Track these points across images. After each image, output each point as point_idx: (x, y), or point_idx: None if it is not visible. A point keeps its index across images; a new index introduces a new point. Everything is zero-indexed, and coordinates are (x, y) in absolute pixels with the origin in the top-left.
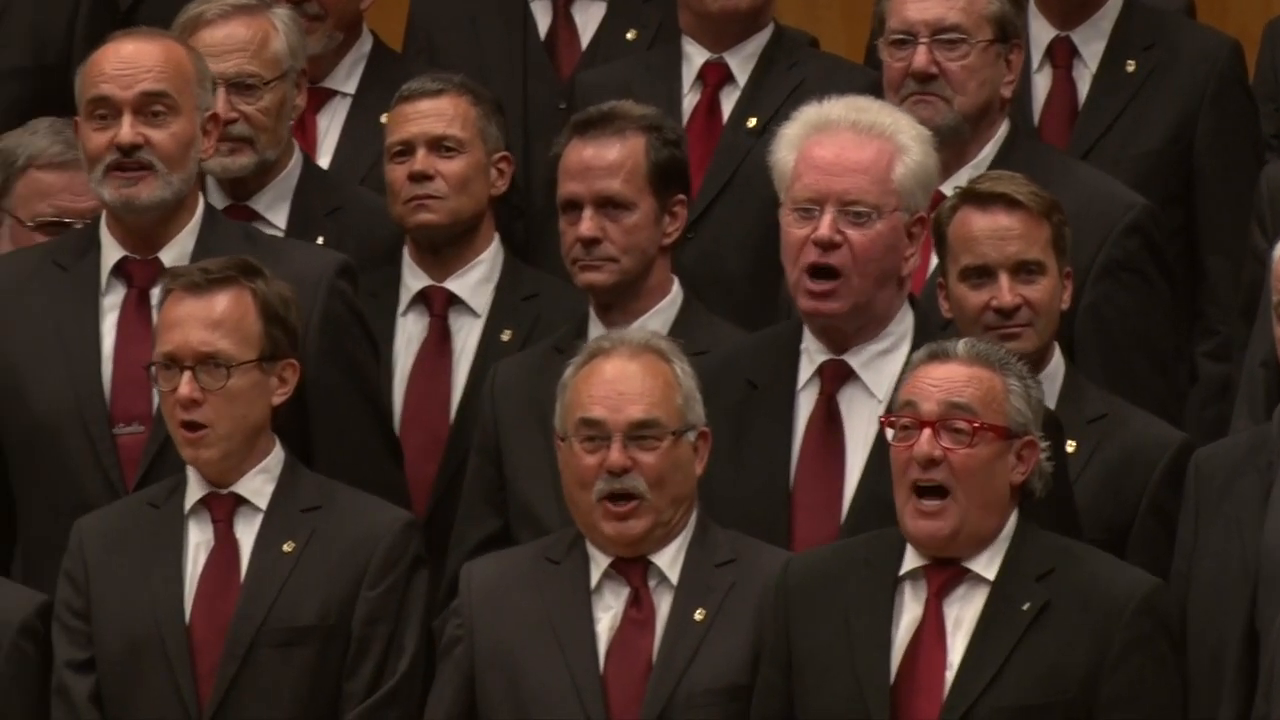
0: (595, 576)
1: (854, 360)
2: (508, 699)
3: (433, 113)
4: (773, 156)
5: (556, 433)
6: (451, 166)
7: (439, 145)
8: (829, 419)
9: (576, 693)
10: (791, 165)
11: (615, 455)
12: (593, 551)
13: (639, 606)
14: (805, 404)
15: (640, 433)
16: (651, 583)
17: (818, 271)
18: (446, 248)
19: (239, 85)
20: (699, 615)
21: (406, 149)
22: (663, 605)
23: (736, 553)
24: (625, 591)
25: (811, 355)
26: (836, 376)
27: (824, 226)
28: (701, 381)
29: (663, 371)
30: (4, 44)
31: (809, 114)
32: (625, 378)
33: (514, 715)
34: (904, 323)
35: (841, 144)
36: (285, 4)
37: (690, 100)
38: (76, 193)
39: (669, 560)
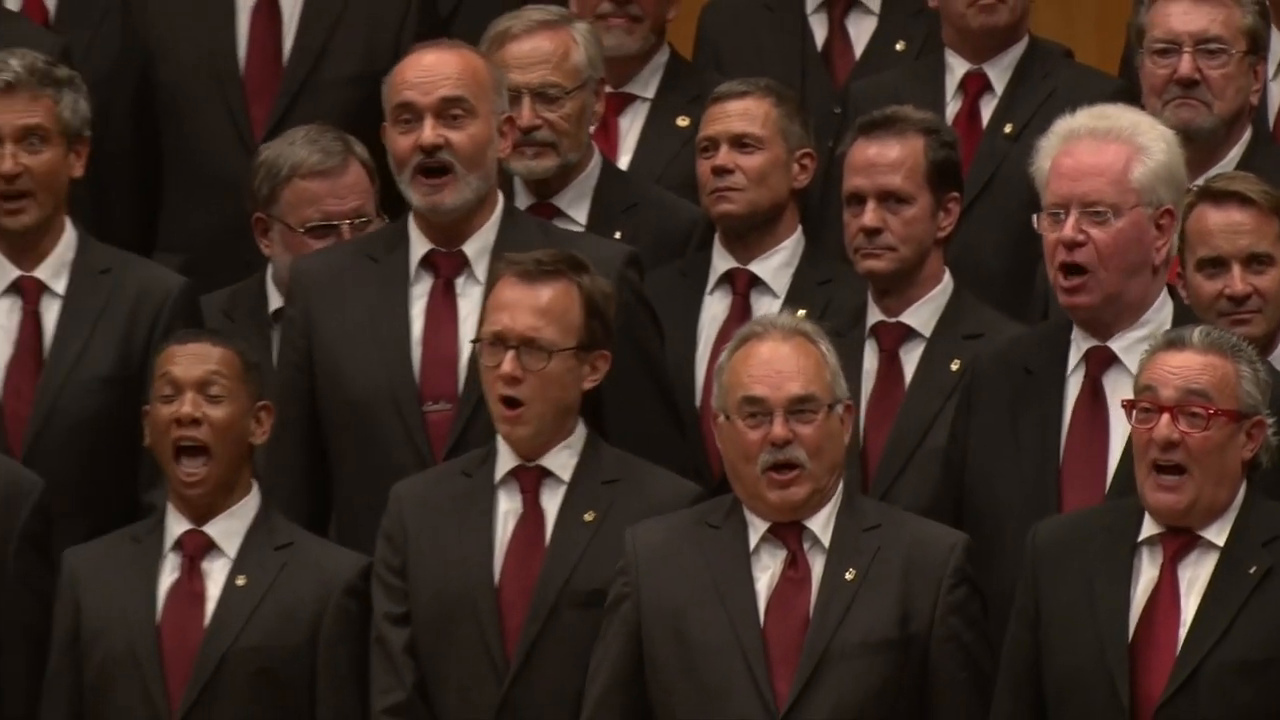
0: (754, 540)
1: (1116, 346)
2: (674, 651)
3: (736, 113)
4: (1033, 167)
5: (715, 412)
6: (750, 161)
7: (739, 142)
8: (1094, 400)
9: (739, 645)
10: (1045, 174)
11: (778, 429)
12: (750, 517)
13: (795, 567)
14: (1074, 387)
15: (799, 407)
16: (805, 545)
17: (1068, 269)
18: (751, 233)
19: (543, 95)
20: (849, 575)
21: (711, 145)
22: (816, 566)
23: (882, 518)
24: (782, 553)
25: (1079, 344)
26: (1101, 361)
27: (1067, 228)
28: (984, 369)
29: (812, 352)
30: (339, 54)
31: (1059, 125)
32: (781, 358)
33: (681, 666)
34: (1163, 311)
35: (1082, 151)
36: (610, 3)
37: (952, 107)
38: (340, 196)
39: (821, 524)
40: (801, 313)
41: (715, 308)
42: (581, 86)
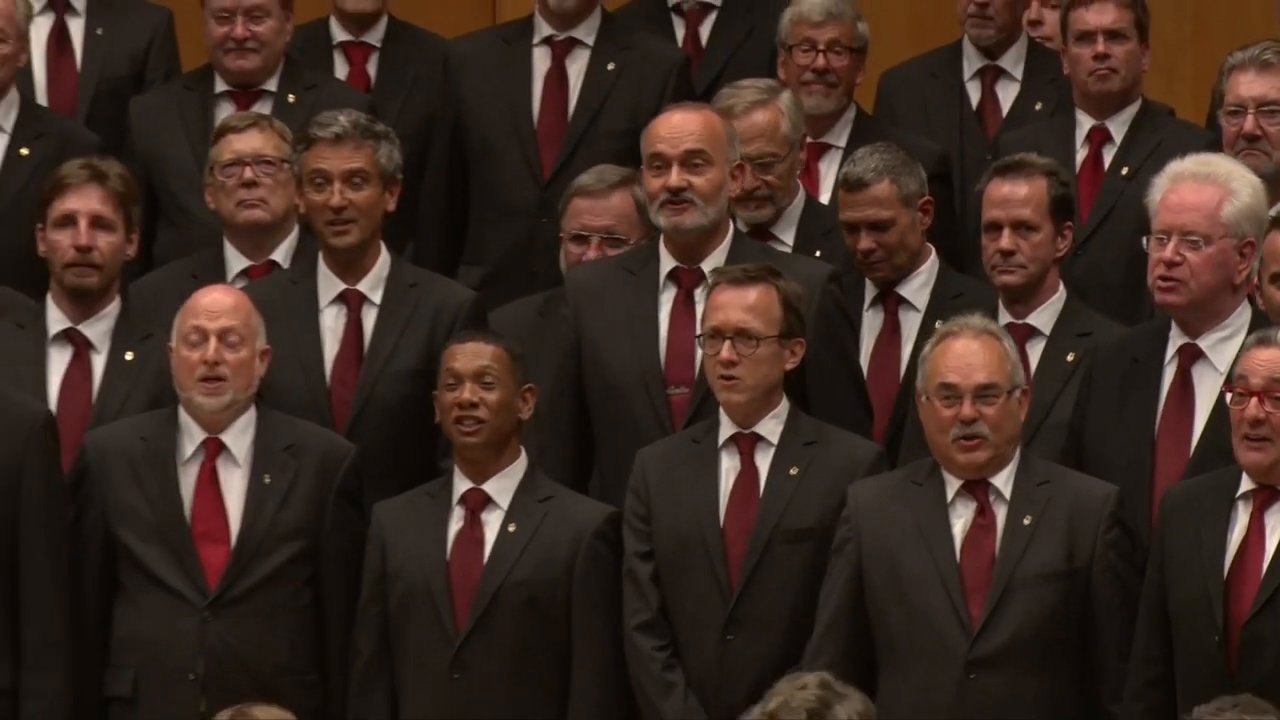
0: (950, 494)
1: (1203, 344)
2: (889, 584)
3: (867, 202)
4: (1148, 199)
5: (919, 392)
6: (889, 239)
7: (876, 226)
8: (1184, 386)
9: (940, 577)
10: (1155, 204)
11: (967, 410)
12: (947, 476)
13: (984, 515)
14: (1169, 375)
15: (984, 393)
16: (991, 497)
17: (1164, 279)
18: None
19: (761, 163)
20: (1026, 520)
21: (852, 230)
22: (1000, 514)
23: (1050, 475)
24: (973, 504)
25: (1175, 340)
26: (1191, 355)
27: (1168, 250)
28: (1103, 356)
29: (997, 347)
30: (612, 113)
31: (1171, 167)
32: (971, 353)
33: (893, 594)
34: (1242, 317)
35: (1185, 190)
36: (811, 73)
37: (1080, 155)
38: (596, 214)
39: (1003, 481)
40: (938, 324)
41: (872, 320)
42: (790, 149)
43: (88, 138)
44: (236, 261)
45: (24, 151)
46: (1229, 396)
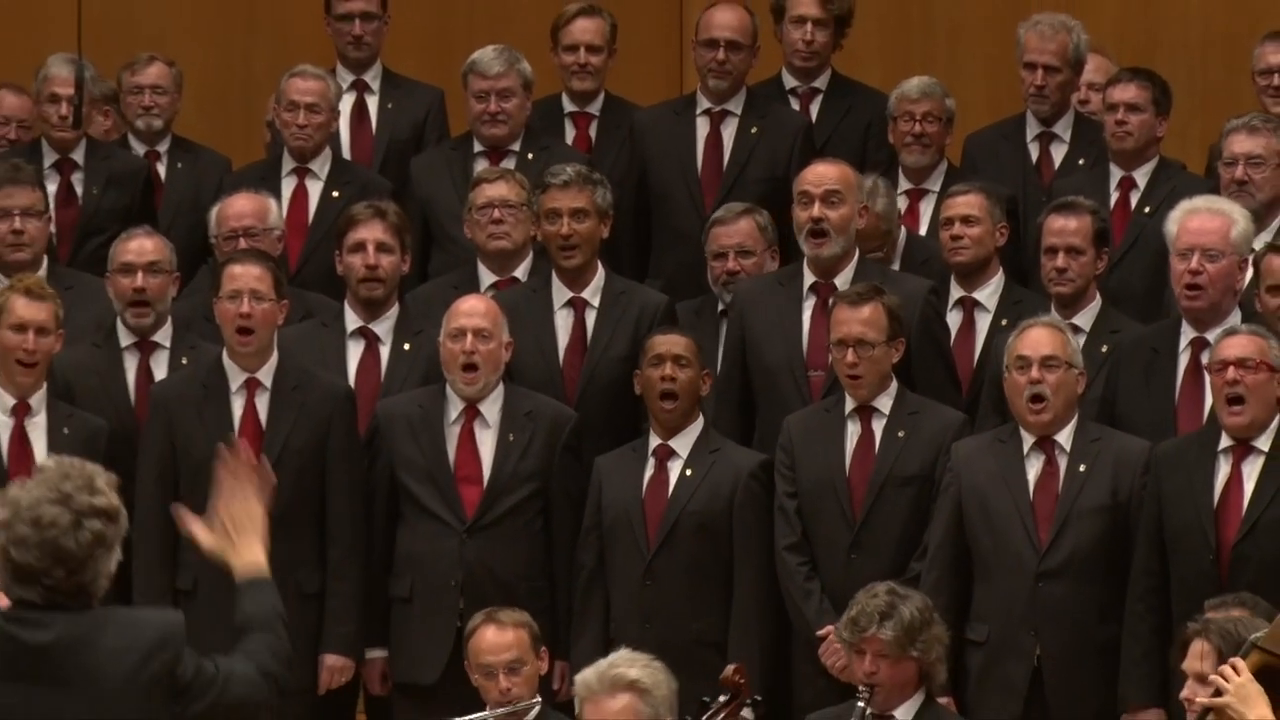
0: (1025, 448)
1: (1209, 336)
2: (980, 516)
3: (963, 203)
4: (1165, 229)
5: (1004, 368)
6: (973, 231)
7: (966, 220)
8: (1196, 370)
9: (1018, 511)
10: (1175, 231)
11: (1034, 373)
12: (1023, 435)
13: (1050, 464)
14: (1183, 361)
15: (1047, 362)
16: (1056, 451)
17: (1190, 287)
18: (973, 274)
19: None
20: (1082, 468)
21: (948, 222)
22: (1062, 463)
23: (1100, 434)
24: (1042, 456)
25: (1186, 334)
26: (1200, 346)
27: (1193, 262)
28: (1127, 347)
29: (1059, 335)
30: (755, 164)
31: (1184, 204)
32: (1040, 336)
33: (983, 524)
34: (1236, 317)
35: (1202, 218)
36: (911, 136)
37: (1113, 197)
38: (728, 235)
39: (1065, 438)
40: (1004, 322)
41: (953, 318)
42: (891, 222)
43: (382, 184)
44: (486, 278)
45: (335, 194)
46: (1210, 371)
